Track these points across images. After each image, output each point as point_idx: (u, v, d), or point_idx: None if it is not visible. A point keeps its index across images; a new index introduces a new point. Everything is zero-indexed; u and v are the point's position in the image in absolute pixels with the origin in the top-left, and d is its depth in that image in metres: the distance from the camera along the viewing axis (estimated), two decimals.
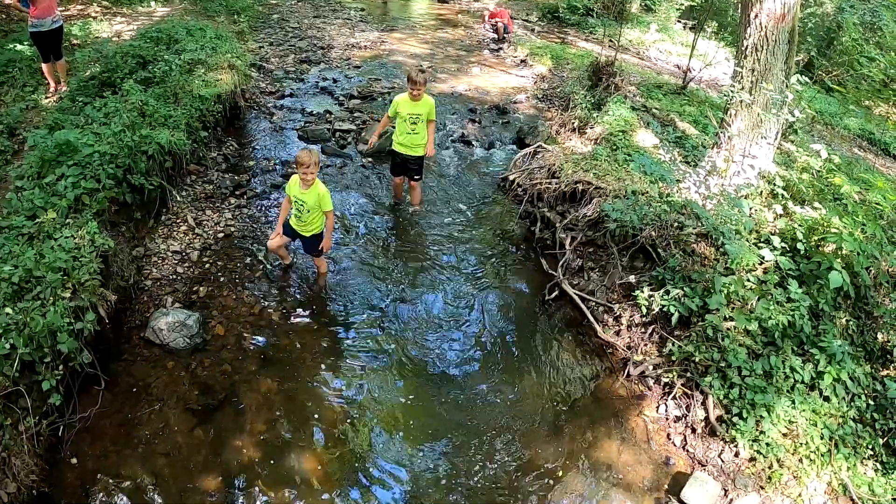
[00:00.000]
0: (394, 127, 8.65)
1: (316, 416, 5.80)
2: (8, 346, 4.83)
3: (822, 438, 5.71)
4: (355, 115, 11.94)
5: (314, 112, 11.87)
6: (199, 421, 5.58)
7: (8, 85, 9.14)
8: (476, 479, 5.44)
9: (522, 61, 16.52)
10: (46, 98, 9.07)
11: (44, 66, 9.29)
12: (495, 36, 18.38)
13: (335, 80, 13.72)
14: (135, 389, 5.78)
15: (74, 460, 5.12)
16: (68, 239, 5.81)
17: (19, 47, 10.07)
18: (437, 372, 6.48)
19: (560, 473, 5.57)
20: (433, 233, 8.69)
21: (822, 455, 5.64)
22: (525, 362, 6.74)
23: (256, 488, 5.10)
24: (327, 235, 6.89)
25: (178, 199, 8.12)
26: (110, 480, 5.02)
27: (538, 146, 10.36)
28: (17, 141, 7.75)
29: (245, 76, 11.12)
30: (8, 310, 5.03)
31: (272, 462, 5.32)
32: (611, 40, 15.48)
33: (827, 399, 5.92)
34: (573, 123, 10.72)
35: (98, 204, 6.46)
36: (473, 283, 7.82)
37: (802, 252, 6.50)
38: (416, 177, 8.79)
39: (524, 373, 6.60)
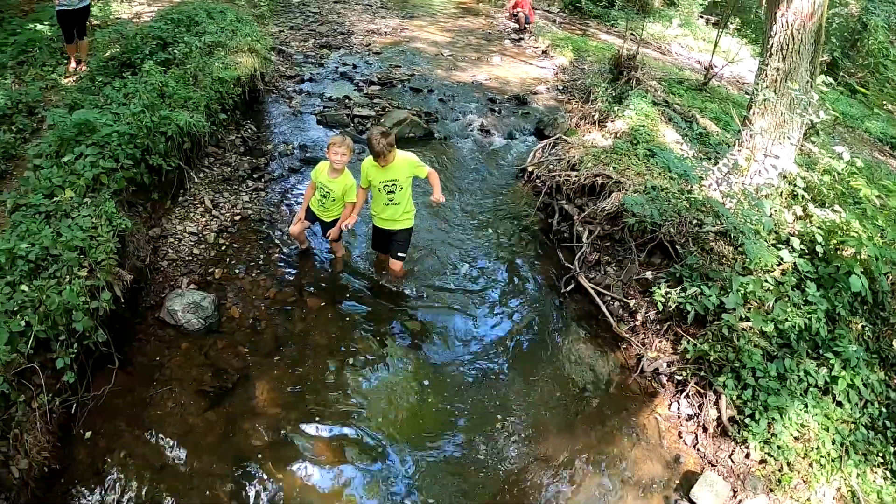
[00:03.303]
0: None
1: (328, 401, 5.79)
2: (23, 323, 4.85)
3: (833, 444, 5.66)
4: (374, 101, 11.94)
5: (333, 97, 11.88)
6: (211, 403, 5.58)
7: (28, 64, 9.14)
8: (486, 468, 5.43)
9: (543, 52, 16.45)
10: (66, 77, 9.08)
11: (68, 46, 9.33)
12: (516, 26, 18.27)
13: (355, 66, 13.71)
14: (149, 370, 5.80)
15: (89, 434, 5.14)
16: (86, 218, 5.82)
17: (39, 27, 10.08)
18: (450, 360, 6.48)
19: (570, 466, 5.55)
20: (451, 220, 8.67)
21: (832, 460, 5.59)
22: (539, 354, 6.72)
23: (267, 472, 5.11)
24: (342, 220, 6.83)
25: (196, 180, 8.12)
26: (122, 459, 5.04)
27: (558, 138, 10.31)
28: (36, 119, 7.77)
29: (265, 60, 11.11)
30: (24, 287, 5.05)
31: (283, 446, 5.32)
32: (632, 34, 15.36)
33: (840, 404, 5.88)
34: (594, 116, 10.66)
35: (116, 184, 6.46)
36: (490, 273, 7.81)
37: (821, 255, 6.44)
38: (399, 254, 7.01)
39: (537, 364, 6.58)
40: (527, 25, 18.12)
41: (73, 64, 9.37)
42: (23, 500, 4.53)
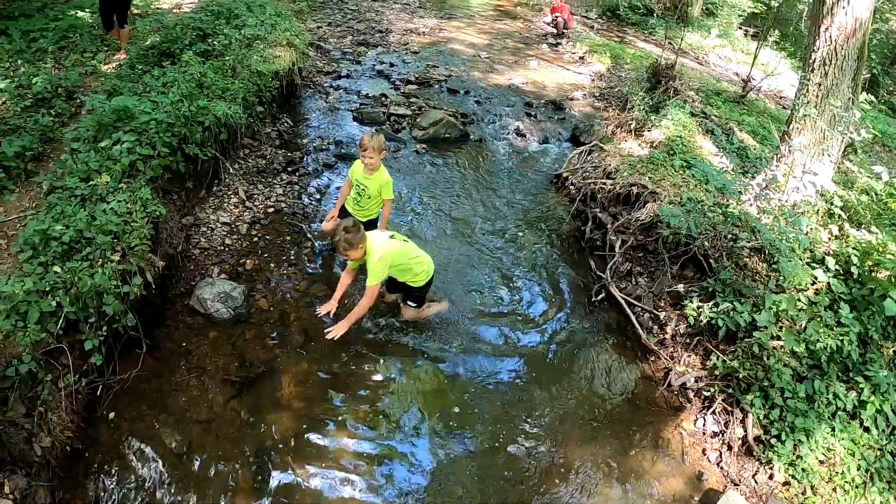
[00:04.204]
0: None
1: (352, 397, 5.80)
2: (54, 303, 4.90)
3: (858, 469, 5.57)
4: (411, 100, 11.96)
5: (370, 94, 11.93)
6: (236, 392, 5.61)
7: (68, 50, 9.24)
8: (507, 474, 5.40)
9: (581, 58, 16.38)
10: (105, 64, 9.15)
11: (111, 32, 9.40)
12: (554, 31, 18.20)
13: (392, 65, 13.74)
14: (176, 356, 5.85)
15: (112, 415, 5.21)
16: (121, 203, 5.86)
17: (80, 14, 10.18)
18: (476, 364, 6.44)
19: (591, 477, 5.51)
20: (484, 223, 8.67)
21: (856, 486, 5.51)
22: (565, 361, 6.67)
23: (288, 464, 5.13)
24: (382, 224, 6.88)
25: (231, 171, 8.17)
26: (144, 442, 5.09)
27: (594, 145, 10.26)
28: (75, 104, 7.83)
29: (303, 55, 11.15)
30: (56, 268, 5.11)
31: (306, 440, 5.34)
32: (671, 43, 15.24)
33: (867, 430, 5.78)
34: (630, 125, 10.55)
35: (152, 171, 6.52)
36: (519, 278, 7.77)
37: (856, 276, 6.33)
38: (409, 302, 6.55)
39: (563, 371, 6.54)
40: (564, 31, 18.03)
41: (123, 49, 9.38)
42: (44, 477, 4.58)
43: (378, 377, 6.05)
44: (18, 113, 7.27)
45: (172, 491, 4.83)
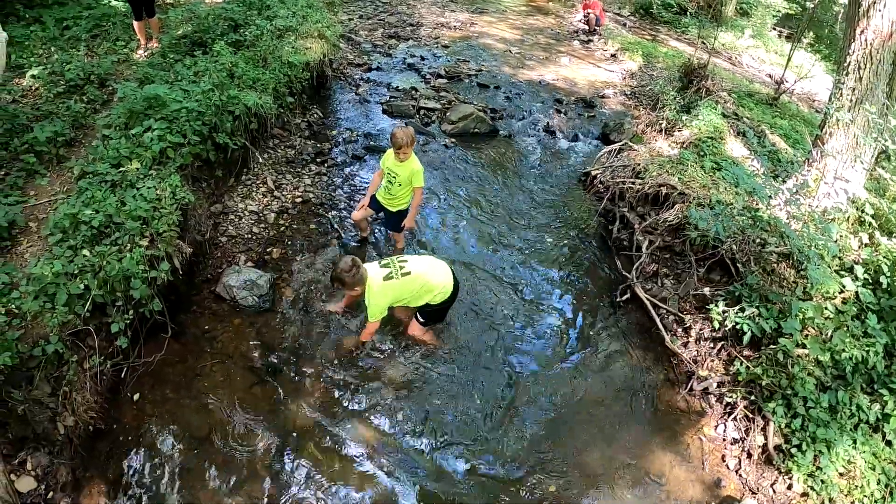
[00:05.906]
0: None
1: (373, 391, 5.83)
2: (82, 286, 4.99)
3: (878, 484, 5.48)
4: (441, 94, 11.96)
5: (400, 87, 11.94)
6: (258, 380, 5.68)
7: (101, 38, 9.34)
8: (525, 472, 5.42)
9: (612, 55, 16.21)
10: (136, 54, 9.22)
11: (136, 23, 9.32)
12: (586, 27, 18.06)
13: (423, 58, 13.73)
14: (200, 342, 5.93)
15: (136, 396, 5.32)
16: (150, 189, 5.93)
17: (114, 3, 10.29)
18: (496, 360, 6.44)
19: (609, 478, 5.50)
20: (510, 219, 8.66)
21: (875, 501, 5.42)
22: (588, 360, 6.66)
23: (307, 452, 5.19)
24: (412, 213, 6.89)
25: (260, 160, 8.24)
26: (166, 425, 5.18)
27: (624, 144, 10.18)
28: (107, 91, 7.92)
29: (334, 46, 11.20)
30: (85, 252, 5.19)
31: (325, 429, 5.39)
32: (703, 42, 15.06)
33: (889, 443, 5.69)
34: (661, 124, 10.47)
35: (182, 158, 6.58)
36: (545, 273, 7.77)
37: (885, 286, 6.23)
38: (420, 316, 6.33)
39: (585, 371, 6.52)
40: (596, 28, 17.89)
41: (142, 41, 9.37)
42: (66, 455, 4.68)
43: (398, 371, 6.06)
44: (51, 99, 7.42)
45: (192, 474, 4.90)
